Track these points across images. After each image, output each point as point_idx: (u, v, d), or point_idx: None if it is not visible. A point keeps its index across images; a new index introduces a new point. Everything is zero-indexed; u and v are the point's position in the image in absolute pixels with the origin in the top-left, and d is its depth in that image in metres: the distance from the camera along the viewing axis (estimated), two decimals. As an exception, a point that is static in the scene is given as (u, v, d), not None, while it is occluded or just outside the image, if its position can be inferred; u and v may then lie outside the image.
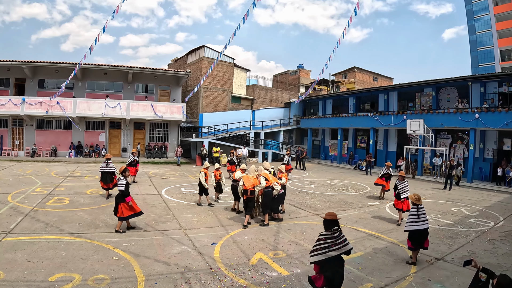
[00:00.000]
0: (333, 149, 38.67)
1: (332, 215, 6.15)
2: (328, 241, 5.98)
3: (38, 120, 30.81)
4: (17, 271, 6.84)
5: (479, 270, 5.28)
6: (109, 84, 33.58)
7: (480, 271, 5.27)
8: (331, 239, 5.98)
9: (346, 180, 23.12)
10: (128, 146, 33.02)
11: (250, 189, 10.89)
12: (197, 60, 39.78)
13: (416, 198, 8.34)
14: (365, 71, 59.28)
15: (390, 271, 7.73)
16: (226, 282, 6.88)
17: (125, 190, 9.89)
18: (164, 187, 17.73)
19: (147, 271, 7.22)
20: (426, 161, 28.28)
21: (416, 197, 8.38)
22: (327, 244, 5.96)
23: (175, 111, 31.87)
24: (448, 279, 7.39)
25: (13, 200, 13.07)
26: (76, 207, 12.59)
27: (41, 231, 9.61)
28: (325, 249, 5.93)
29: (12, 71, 30.68)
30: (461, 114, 23.86)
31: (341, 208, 14.28)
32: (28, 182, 17.35)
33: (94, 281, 6.61)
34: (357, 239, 10.00)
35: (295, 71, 54.54)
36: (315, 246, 6.08)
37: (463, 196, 18.49)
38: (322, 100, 41.34)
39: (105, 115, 30.10)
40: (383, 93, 32.81)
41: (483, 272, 5.24)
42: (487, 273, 5.20)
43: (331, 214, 6.20)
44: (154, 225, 10.76)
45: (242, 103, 42.45)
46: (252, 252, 8.63)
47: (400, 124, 28.01)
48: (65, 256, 7.80)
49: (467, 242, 10.07)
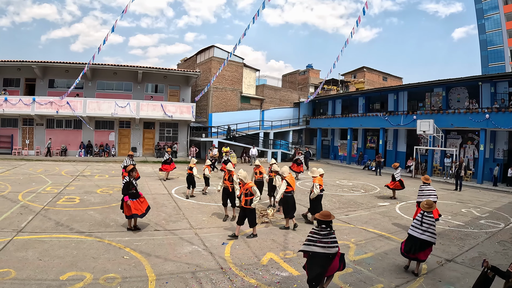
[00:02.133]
0: (342, 149, 38.52)
1: (323, 215, 6.47)
2: (315, 236, 6.29)
3: (48, 120, 30.99)
4: (28, 270, 6.87)
5: (488, 269, 5.49)
6: (119, 84, 33.69)
7: (489, 269, 5.49)
8: (317, 235, 6.27)
9: (355, 181, 23.02)
10: (138, 145, 33.13)
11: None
12: (206, 60, 39.81)
13: (426, 206, 7.86)
14: (375, 71, 59.02)
15: (400, 272, 7.68)
16: (237, 282, 6.87)
17: (123, 189, 9.98)
18: (174, 186, 17.75)
19: (158, 270, 7.22)
20: (436, 162, 28.05)
21: (426, 204, 7.90)
22: (314, 239, 6.28)
23: (184, 110, 31.89)
24: (459, 280, 7.34)
25: (24, 199, 13.15)
26: (87, 206, 12.66)
27: (52, 229, 9.66)
28: (310, 242, 6.28)
29: (22, 71, 30.90)
30: (471, 114, 23.64)
31: (351, 209, 14.22)
32: (38, 181, 17.46)
33: (105, 280, 6.62)
34: (368, 240, 9.96)
35: (304, 71, 54.49)
36: (306, 238, 6.47)
37: (473, 197, 18.34)
38: (331, 100, 41.20)
39: (115, 115, 30.23)
40: (393, 93, 32.62)
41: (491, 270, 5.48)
42: (494, 271, 5.43)
43: (324, 214, 6.51)
44: (165, 225, 10.78)
45: (252, 103, 42.43)
46: (263, 252, 8.60)
47: (410, 124, 27.84)
48: (76, 255, 7.83)
49: (477, 244, 9.98)
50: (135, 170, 10.50)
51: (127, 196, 9.78)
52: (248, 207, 9.71)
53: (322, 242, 6.17)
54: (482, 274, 5.65)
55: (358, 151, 36.24)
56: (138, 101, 30.99)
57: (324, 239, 6.18)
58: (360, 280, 7.15)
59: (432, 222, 7.67)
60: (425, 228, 7.61)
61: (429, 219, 7.71)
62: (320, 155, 40.34)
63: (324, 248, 6.11)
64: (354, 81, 56.03)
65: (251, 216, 9.81)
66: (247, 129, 37.62)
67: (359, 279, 7.21)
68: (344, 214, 13.10)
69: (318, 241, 6.19)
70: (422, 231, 7.60)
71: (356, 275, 7.42)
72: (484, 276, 5.58)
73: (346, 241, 9.72)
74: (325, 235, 6.23)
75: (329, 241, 6.18)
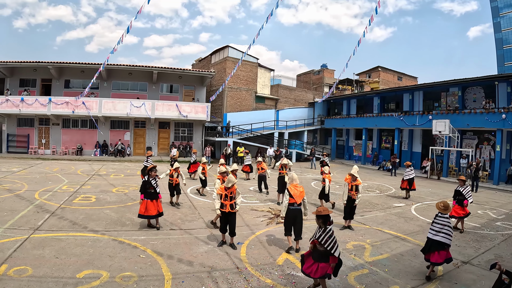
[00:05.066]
0: (357, 150, 38.36)
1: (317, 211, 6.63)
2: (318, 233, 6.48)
3: (64, 120, 31.34)
4: (45, 267, 6.93)
5: (502, 273, 5.34)
6: (134, 84, 33.96)
7: (503, 273, 5.33)
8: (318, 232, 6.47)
9: (370, 181, 22.85)
10: (153, 145, 33.35)
11: None
12: (221, 60, 39.90)
13: (442, 208, 7.70)
14: (389, 71, 58.66)
15: (416, 274, 7.60)
16: (253, 281, 6.85)
17: (140, 188, 10.03)
18: (189, 186, 17.76)
19: (174, 269, 7.24)
20: (451, 162, 27.74)
21: (442, 206, 7.73)
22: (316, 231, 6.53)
23: (199, 110, 32.02)
24: (475, 282, 7.25)
25: (41, 198, 13.29)
26: (103, 205, 12.74)
27: (68, 228, 9.73)
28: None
29: (38, 72, 31.33)
30: (488, 115, 23.30)
31: (367, 209, 14.13)
32: (55, 180, 17.63)
33: (122, 278, 6.65)
34: (383, 241, 9.88)
35: (319, 71, 54.35)
36: None
37: (489, 198, 18.08)
38: (346, 100, 41.00)
39: (130, 115, 30.49)
40: (408, 93, 32.32)
41: (506, 275, 5.32)
42: (510, 276, 5.28)
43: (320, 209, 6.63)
44: (180, 224, 10.80)
45: (266, 102, 42.41)
46: (278, 252, 8.57)
47: (425, 125, 27.58)
48: (93, 253, 7.88)
49: (493, 246, 9.85)
50: (155, 170, 10.51)
51: (142, 194, 9.85)
52: (234, 211, 8.86)
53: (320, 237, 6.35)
54: (497, 280, 5.55)
55: (373, 152, 36.04)
56: (153, 101, 31.22)
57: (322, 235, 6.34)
58: (376, 281, 7.09)
59: (445, 223, 7.57)
60: (438, 228, 7.55)
61: (443, 219, 7.62)
62: (334, 155, 40.21)
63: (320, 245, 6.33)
64: (368, 80, 55.72)
65: (234, 222, 8.89)
66: (262, 129, 37.61)
67: (375, 280, 7.16)
68: (360, 215, 13.00)
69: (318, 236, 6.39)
70: (436, 232, 7.54)
71: (372, 276, 7.35)
72: (500, 282, 5.45)
73: (362, 242, 9.66)
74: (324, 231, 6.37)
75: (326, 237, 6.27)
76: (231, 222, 8.81)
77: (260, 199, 15.30)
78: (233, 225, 8.86)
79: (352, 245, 9.35)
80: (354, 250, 8.85)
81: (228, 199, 8.80)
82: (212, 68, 38.82)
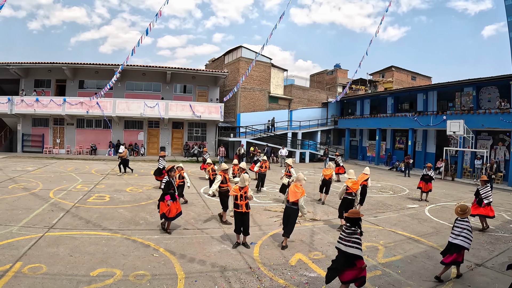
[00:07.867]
0: (370, 150, 38.14)
1: (350, 213, 6.54)
2: (342, 234, 6.38)
3: (78, 120, 31.65)
4: (59, 265, 7.01)
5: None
6: (148, 84, 34.19)
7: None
8: (343, 233, 6.36)
9: (384, 182, 22.71)
10: (167, 145, 33.52)
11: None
12: (234, 60, 39.96)
13: (460, 212, 7.69)
14: (403, 70, 58.15)
15: (429, 276, 7.53)
16: (265, 281, 6.85)
17: (164, 188, 9.93)
18: (203, 186, 17.80)
19: (187, 268, 7.27)
20: (466, 163, 27.41)
21: (460, 210, 7.72)
22: (341, 236, 6.38)
23: (213, 111, 32.12)
24: (489, 285, 7.17)
25: (55, 197, 13.43)
26: (117, 204, 12.84)
27: (83, 226, 9.83)
28: (339, 239, 6.39)
29: (53, 73, 31.71)
30: (503, 115, 22.96)
31: (380, 210, 14.03)
32: (69, 179, 17.80)
33: (135, 277, 6.70)
34: (396, 242, 9.81)
35: (332, 71, 54.18)
36: None
37: (504, 200, 17.81)
38: (359, 100, 40.75)
39: (144, 115, 30.66)
40: (422, 93, 32.02)
41: None
42: None
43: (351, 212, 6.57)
44: (194, 224, 10.84)
45: (280, 103, 42.40)
46: (291, 253, 8.56)
47: (439, 125, 27.31)
48: (106, 251, 7.94)
49: (507, 248, 9.73)
50: (174, 169, 10.52)
51: (168, 195, 9.68)
52: (248, 211, 8.86)
53: (344, 240, 6.24)
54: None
55: (386, 152, 35.75)
56: (167, 101, 31.38)
57: (346, 238, 6.24)
58: (388, 283, 7.06)
59: (465, 226, 7.50)
60: (458, 232, 7.50)
61: (462, 223, 7.56)
62: (348, 155, 40.00)
63: (345, 246, 6.17)
64: (382, 80, 55.36)
65: (248, 222, 8.87)
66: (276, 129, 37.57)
67: (388, 281, 7.12)
68: (373, 216, 12.93)
69: (343, 239, 6.27)
70: (455, 236, 7.50)
71: (385, 277, 7.31)
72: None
73: (375, 243, 9.61)
74: (349, 234, 6.26)
75: (350, 240, 6.19)
76: (245, 221, 8.80)
77: (273, 199, 15.28)
78: (247, 225, 8.84)
79: (365, 246, 9.28)
80: (367, 252, 8.78)
81: (243, 199, 8.74)
82: (225, 69, 38.86)
